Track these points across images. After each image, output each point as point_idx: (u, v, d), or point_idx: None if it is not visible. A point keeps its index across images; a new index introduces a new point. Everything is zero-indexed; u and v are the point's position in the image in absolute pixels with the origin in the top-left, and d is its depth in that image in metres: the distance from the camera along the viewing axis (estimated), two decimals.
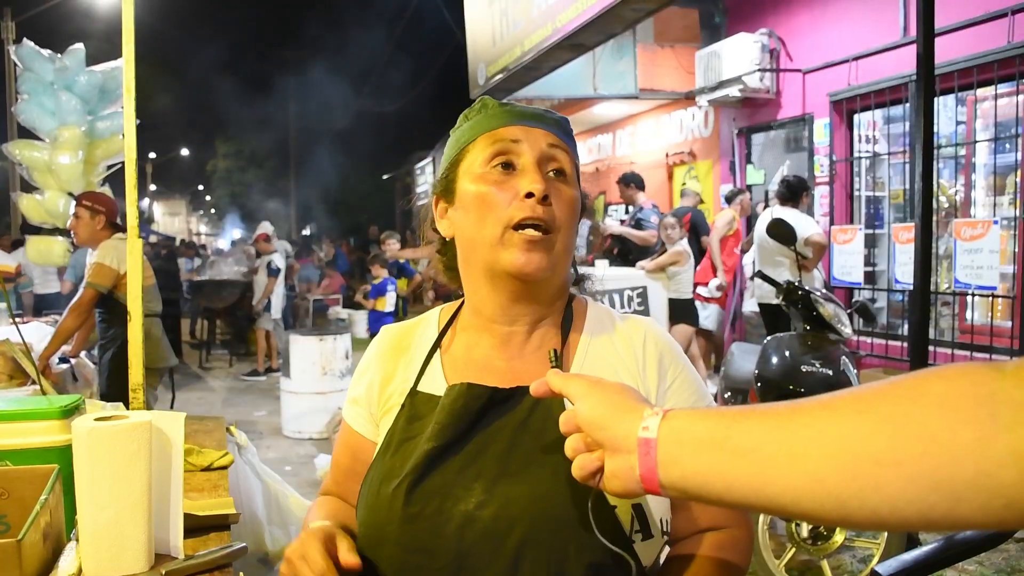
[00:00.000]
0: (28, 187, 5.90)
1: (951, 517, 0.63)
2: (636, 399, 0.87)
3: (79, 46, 5.46)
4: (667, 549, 1.21)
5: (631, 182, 8.60)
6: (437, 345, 1.29)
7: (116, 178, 5.44)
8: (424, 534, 1.10)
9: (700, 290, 7.98)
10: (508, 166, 1.19)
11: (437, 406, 1.19)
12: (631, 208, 8.86)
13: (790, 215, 6.36)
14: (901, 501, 0.64)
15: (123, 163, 5.59)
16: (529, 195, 1.14)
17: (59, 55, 5.43)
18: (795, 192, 6.69)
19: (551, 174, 1.20)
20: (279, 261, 10.83)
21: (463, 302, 1.32)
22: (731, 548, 1.20)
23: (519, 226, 1.15)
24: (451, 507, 1.10)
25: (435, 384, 1.24)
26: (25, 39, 5.50)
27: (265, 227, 11.32)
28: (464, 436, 1.15)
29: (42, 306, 9.49)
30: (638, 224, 8.17)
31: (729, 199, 8.56)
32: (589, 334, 1.27)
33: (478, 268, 1.22)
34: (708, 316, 8.10)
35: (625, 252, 8.18)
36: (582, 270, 1.41)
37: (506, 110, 1.24)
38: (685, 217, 8.38)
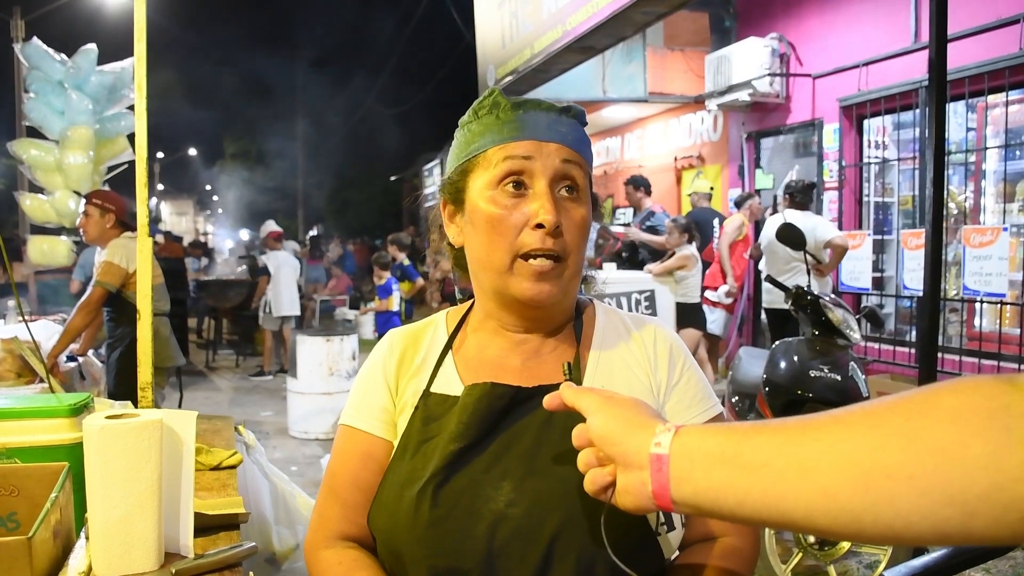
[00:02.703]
0: (32, 187, 5.92)
1: (965, 531, 0.62)
2: (649, 415, 0.86)
3: (91, 46, 5.46)
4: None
5: (640, 185, 8.56)
6: (449, 346, 1.28)
7: (121, 178, 5.46)
8: (453, 536, 1.09)
9: (708, 294, 7.96)
10: (520, 186, 1.16)
11: (453, 406, 1.18)
12: (637, 212, 8.79)
13: (808, 219, 6.35)
14: (915, 515, 0.64)
15: (126, 164, 5.64)
16: (539, 226, 1.12)
17: (67, 56, 5.44)
18: (809, 195, 6.70)
19: (563, 192, 1.18)
20: (271, 261, 10.70)
21: (471, 305, 1.31)
22: (734, 557, 1.20)
23: (528, 255, 1.14)
24: (481, 507, 1.10)
25: (449, 385, 1.23)
26: (34, 37, 5.51)
27: (269, 225, 11.35)
28: (487, 436, 1.15)
29: None
30: (652, 230, 8.13)
31: (739, 203, 8.54)
32: (601, 337, 1.27)
33: (487, 287, 1.22)
34: (714, 320, 8.08)
35: (635, 257, 8.14)
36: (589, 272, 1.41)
37: (519, 117, 1.19)
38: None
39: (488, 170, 1.18)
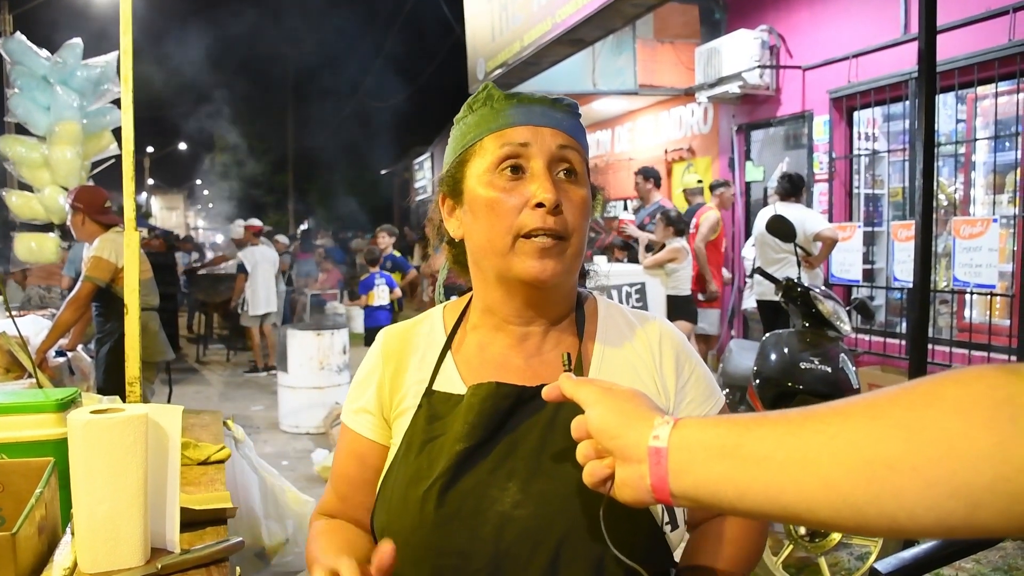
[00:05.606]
0: (21, 184, 5.86)
1: (970, 523, 0.62)
2: (647, 407, 0.85)
3: (77, 40, 5.41)
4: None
5: (650, 176, 8.36)
6: (448, 345, 1.27)
7: (111, 173, 5.42)
8: (460, 536, 1.08)
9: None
10: (517, 169, 1.16)
11: (457, 405, 1.17)
12: (644, 204, 8.57)
13: (797, 211, 6.36)
14: (919, 507, 0.63)
15: (111, 159, 5.60)
16: (539, 205, 1.12)
17: (51, 52, 5.39)
18: (798, 187, 6.70)
19: (561, 175, 1.17)
20: (247, 258, 10.54)
21: (469, 299, 1.30)
22: (746, 533, 1.23)
23: (529, 235, 1.13)
24: (487, 508, 1.09)
25: (450, 384, 1.22)
26: (17, 32, 5.46)
27: (252, 221, 11.27)
28: (493, 436, 1.14)
29: None
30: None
31: (713, 188, 8.43)
32: (604, 332, 1.26)
33: (490, 274, 1.20)
34: (708, 321, 8.01)
35: (633, 260, 8.05)
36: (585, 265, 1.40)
37: (512, 105, 1.19)
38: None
39: (485, 157, 1.18)
